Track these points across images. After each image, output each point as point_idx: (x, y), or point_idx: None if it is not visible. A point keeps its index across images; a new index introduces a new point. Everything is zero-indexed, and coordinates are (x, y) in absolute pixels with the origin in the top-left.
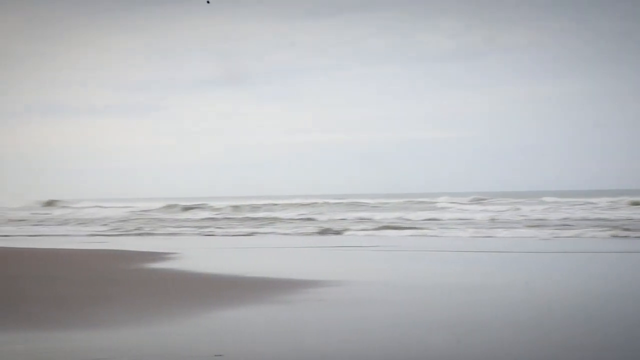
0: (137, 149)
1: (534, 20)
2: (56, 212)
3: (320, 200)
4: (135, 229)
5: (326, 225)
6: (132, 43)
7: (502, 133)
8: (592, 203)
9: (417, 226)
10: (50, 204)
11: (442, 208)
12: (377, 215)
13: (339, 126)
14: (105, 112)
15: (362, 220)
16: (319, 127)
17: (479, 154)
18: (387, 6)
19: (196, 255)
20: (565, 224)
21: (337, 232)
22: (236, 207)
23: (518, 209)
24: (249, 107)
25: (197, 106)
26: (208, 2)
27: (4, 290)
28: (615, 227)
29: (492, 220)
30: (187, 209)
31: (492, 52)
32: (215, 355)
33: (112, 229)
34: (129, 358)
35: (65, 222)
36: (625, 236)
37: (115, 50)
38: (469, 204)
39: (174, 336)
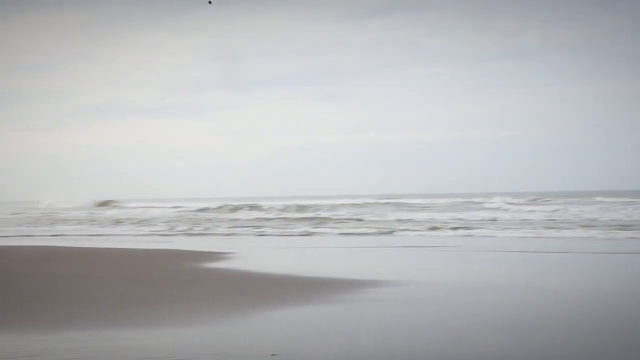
0: (189, 149)
1: (591, 19)
2: (110, 212)
3: (371, 200)
4: (190, 229)
5: (378, 225)
6: (187, 44)
7: (556, 132)
8: None
9: (471, 226)
10: (104, 204)
11: (497, 208)
12: (431, 215)
13: (394, 126)
14: (159, 113)
15: (415, 220)
16: (373, 127)
17: (532, 154)
18: (442, 5)
19: (251, 255)
20: (621, 225)
21: (390, 232)
22: (288, 207)
23: (567, 209)
24: (303, 107)
25: (251, 106)
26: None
27: (64, 289)
28: None
29: (548, 220)
30: (239, 209)
31: (547, 51)
32: (271, 355)
33: (166, 229)
34: (185, 356)
35: (119, 222)
36: None
37: (170, 51)
38: (525, 204)
39: (230, 335)
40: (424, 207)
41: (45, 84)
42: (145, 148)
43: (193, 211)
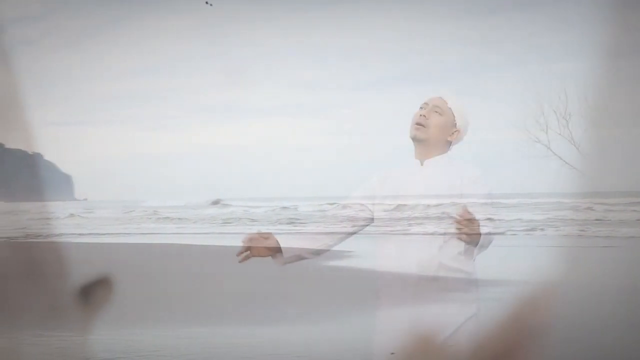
0: (304, 148)
1: None
2: (223, 211)
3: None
4: (304, 227)
5: (502, 224)
6: (307, 42)
7: None
8: None
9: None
10: (216, 202)
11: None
12: (560, 214)
13: (511, 125)
14: (276, 112)
15: (558, 219)
16: (492, 126)
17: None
18: (562, 2)
19: (370, 253)
20: None
21: (531, 229)
22: (404, 206)
23: None
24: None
25: (367, 106)
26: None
27: (184, 286)
28: None
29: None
30: (351, 207)
31: None
32: (390, 353)
33: (279, 227)
34: (305, 353)
35: (233, 220)
36: None
37: (288, 50)
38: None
39: (349, 332)
40: (550, 204)
41: (163, 85)
42: (258, 147)
43: (306, 210)
